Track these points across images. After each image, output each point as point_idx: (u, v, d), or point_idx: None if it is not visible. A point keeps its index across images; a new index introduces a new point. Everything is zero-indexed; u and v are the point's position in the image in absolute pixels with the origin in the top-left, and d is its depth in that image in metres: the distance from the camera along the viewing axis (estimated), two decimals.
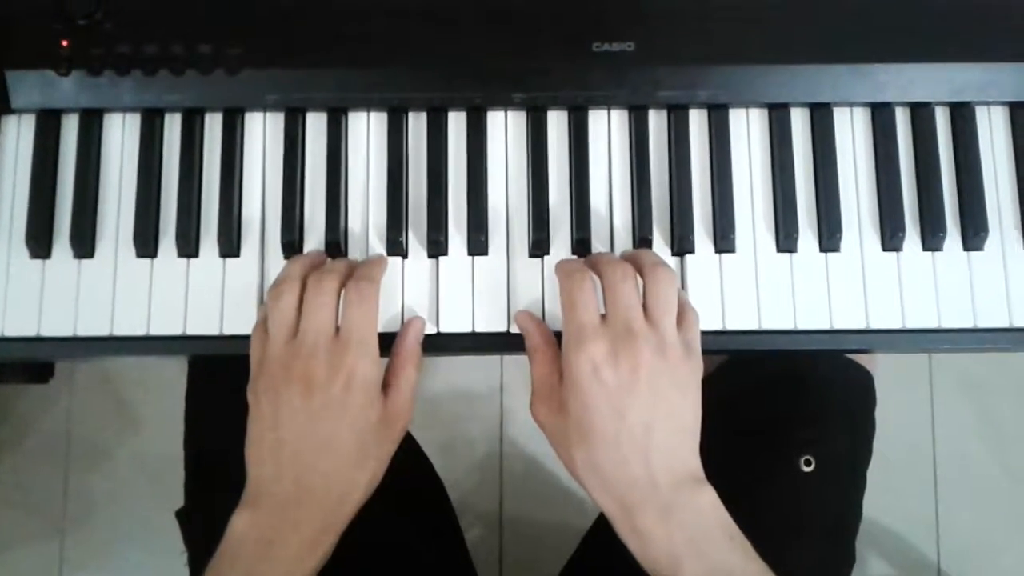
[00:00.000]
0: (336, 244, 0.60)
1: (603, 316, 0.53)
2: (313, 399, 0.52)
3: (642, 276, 0.54)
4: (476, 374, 1.34)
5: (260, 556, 0.53)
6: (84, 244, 0.59)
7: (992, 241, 0.60)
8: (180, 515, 0.73)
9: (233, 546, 0.53)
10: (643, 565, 0.52)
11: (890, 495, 1.28)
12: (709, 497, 0.52)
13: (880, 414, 0.75)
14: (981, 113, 0.61)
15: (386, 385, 0.56)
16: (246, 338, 0.58)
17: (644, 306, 0.53)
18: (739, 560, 0.51)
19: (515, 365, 1.34)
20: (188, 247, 0.60)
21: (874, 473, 0.75)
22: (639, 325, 0.52)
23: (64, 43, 0.59)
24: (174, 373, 0.78)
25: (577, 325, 0.52)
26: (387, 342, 0.57)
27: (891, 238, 0.59)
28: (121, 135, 0.61)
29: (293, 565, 0.53)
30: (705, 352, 0.55)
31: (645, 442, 0.51)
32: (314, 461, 0.53)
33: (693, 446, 0.53)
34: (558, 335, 0.55)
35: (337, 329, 0.54)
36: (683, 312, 0.54)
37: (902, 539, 1.33)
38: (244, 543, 0.53)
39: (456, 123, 0.62)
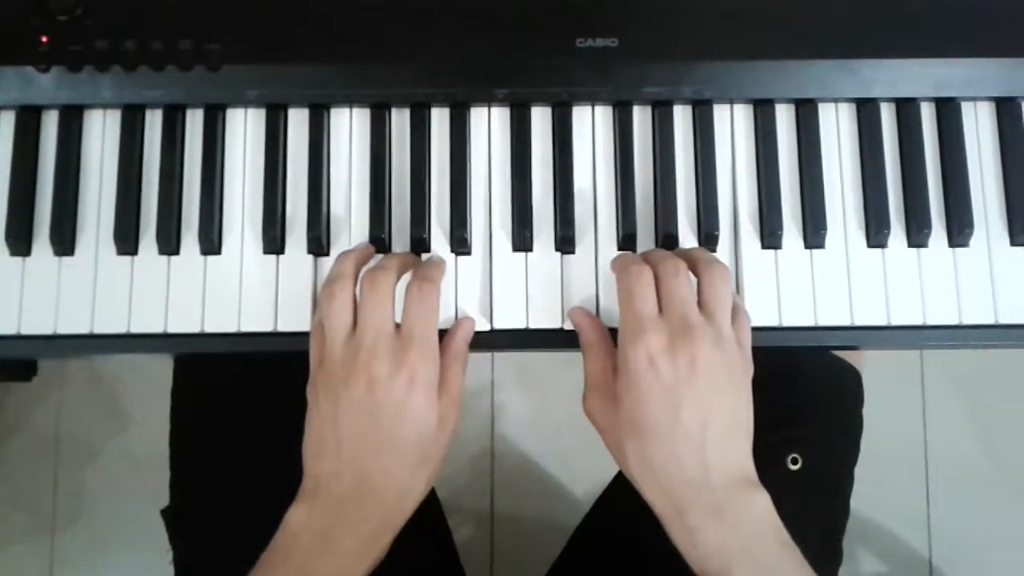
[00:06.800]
0: (318, 240, 0.59)
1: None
2: (375, 396, 0.52)
3: (696, 272, 0.54)
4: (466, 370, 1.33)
5: (316, 552, 0.52)
6: (64, 242, 0.59)
7: (978, 237, 0.60)
8: (165, 514, 0.73)
9: (288, 540, 0.52)
10: (692, 566, 0.51)
11: (881, 491, 1.28)
12: (763, 502, 0.52)
13: (870, 409, 0.75)
14: (967, 109, 0.61)
15: None
16: (227, 336, 0.59)
17: (699, 301, 0.53)
18: (792, 567, 0.51)
19: (506, 361, 1.34)
20: (169, 245, 0.59)
21: (865, 469, 0.75)
22: (696, 318, 0.51)
23: (44, 39, 0.59)
24: (162, 370, 0.77)
25: (635, 316, 0.52)
26: None
27: (876, 234, 0.59)
28: (101, 132, 0.61)
29: (349, 562, 0.52)
30: None
31: (701, 439, 0.50)
32: (375, 459, 0.52)
33: (747, 448, 0.53)
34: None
35: (396, 326, 0.53)
36: (736, 312, 0.54)
37: (893, 535, 1.33)
38: (299, 538, 0.52)
39: (439, 119, 0.61)
